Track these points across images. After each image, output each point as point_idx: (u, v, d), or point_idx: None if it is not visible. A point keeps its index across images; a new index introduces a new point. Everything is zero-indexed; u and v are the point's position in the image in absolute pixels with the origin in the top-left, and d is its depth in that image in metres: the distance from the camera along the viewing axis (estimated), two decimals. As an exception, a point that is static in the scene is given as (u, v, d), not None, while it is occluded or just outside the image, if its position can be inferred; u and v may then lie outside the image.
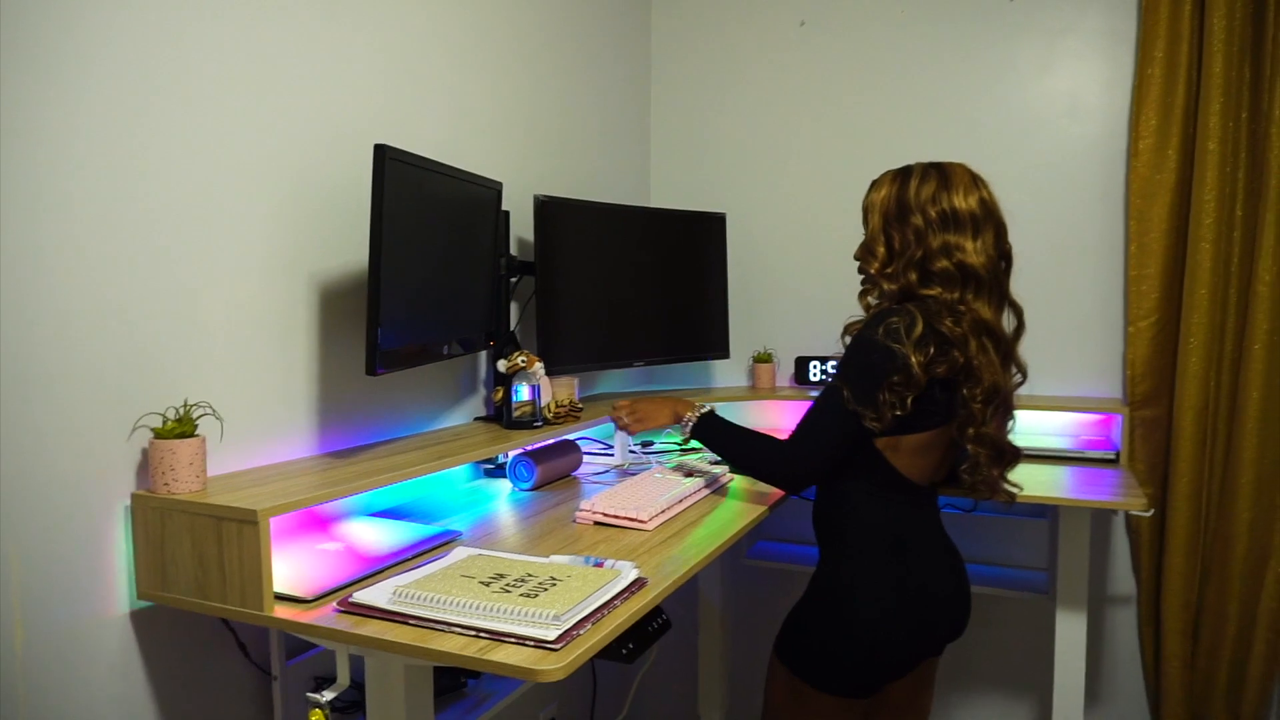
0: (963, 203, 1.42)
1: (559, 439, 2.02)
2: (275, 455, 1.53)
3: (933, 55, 2.52)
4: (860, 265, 1.54)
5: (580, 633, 1.10)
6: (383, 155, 1.43)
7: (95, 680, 1.26)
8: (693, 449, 2.24)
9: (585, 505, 1.63)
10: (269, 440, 1.52)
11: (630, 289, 2.35)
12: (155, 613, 1.33)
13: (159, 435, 1.26)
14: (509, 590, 1.17)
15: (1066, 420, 2.40)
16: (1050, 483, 1.98)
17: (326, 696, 1.25)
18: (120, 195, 1.27)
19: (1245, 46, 2.16)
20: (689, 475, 1.85)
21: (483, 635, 1.09)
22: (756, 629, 2.69)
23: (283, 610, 1.20)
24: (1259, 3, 2.14)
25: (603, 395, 2.47)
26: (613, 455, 2.18)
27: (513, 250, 2.08)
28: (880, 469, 1.46)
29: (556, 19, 2.35)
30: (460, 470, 1.97)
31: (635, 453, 2.25)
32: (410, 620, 1.14)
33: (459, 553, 1.37)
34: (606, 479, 2.02)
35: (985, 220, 1.43)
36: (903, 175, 1.49)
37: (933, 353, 1.37)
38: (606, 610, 1.17)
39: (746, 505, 1.75)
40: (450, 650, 1.07)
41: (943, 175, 1.45)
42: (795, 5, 2.67)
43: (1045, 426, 2.40)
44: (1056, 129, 2.42)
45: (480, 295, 1.89)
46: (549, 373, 1.98)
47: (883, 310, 1.44)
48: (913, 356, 1.36)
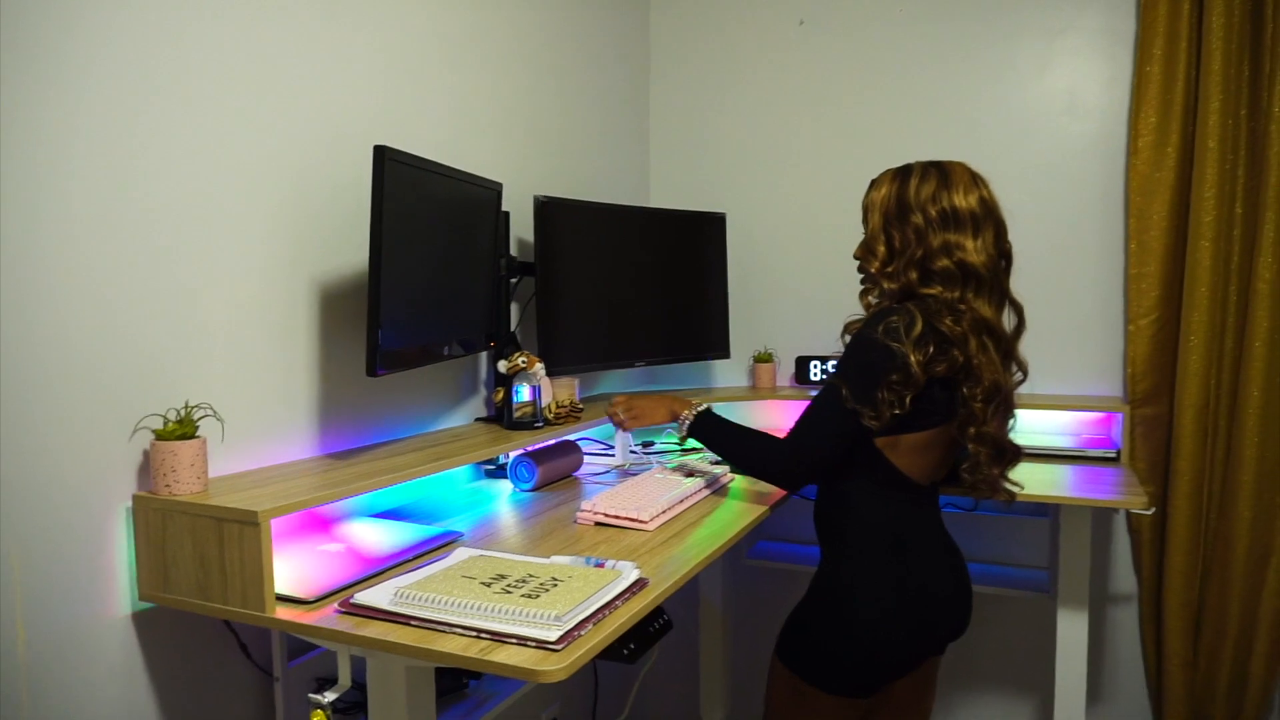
0: (963, 201, 1.42)
1: (560, 439, 2.02)
2: (276, 456, 1.53)
3: (933, 55, 2.52)
4: (860, 264, 1.54)
5: (582, 633, 1.10)
6: (382, 156, 1.43)
7: (97, 682, 1.26)
8: (693, 449, 2.24)
9: (586, 506, 1.63)
10: (270, 441, 1.52)
11: (630, 289, 2.35)
12: (157, 614, 1.33)
13: (160, 437, 1.26)
14: (510, 591, 1.17)
15: (1067, 419, 2.40)
16: (1051, 481, 1.98)
17: (328, 698, 1.25)
18: (120, 195, 1.27)
19: (1244, 44, 2.16)
20: (690, 475, 1.85)
21: (484, 636, 1.09)
22: (758, 629, 2.69)
23: (284, 611, 1.20)
24: (1257, 0, 2.14)
25: (603, 396, 2.47)
26: (613, 456, 2.18)
27: (513, 251, 2.08)
28: (880, 468, 1.45)
29: (556, 19, 2.35)
30: (461, 471, 1.97)
31: (636, 453, 2.25)
32: (412, 621, 1.13)
33: (460, 554, 1.37)
34: (607, 479, 2.02)
35: (985, 219, 1.43)
36: (903, 174, 1.48)
37: (932, 351, 1.37)
38: (608, 611, 1.17)
39: (747, 505, 1.74)
40: (452, 651, 1.07)
41: (943, 174, 1.45)
42: (795, 5, 2.67)
43: (1046, 425, 2.40)
44: (1056, 128, 2.42)
45: (480, 296, 1.89)
46: (549, 373, 1.97)
47: (882, 309, 1.44)
48: (912, 355, 1.35)
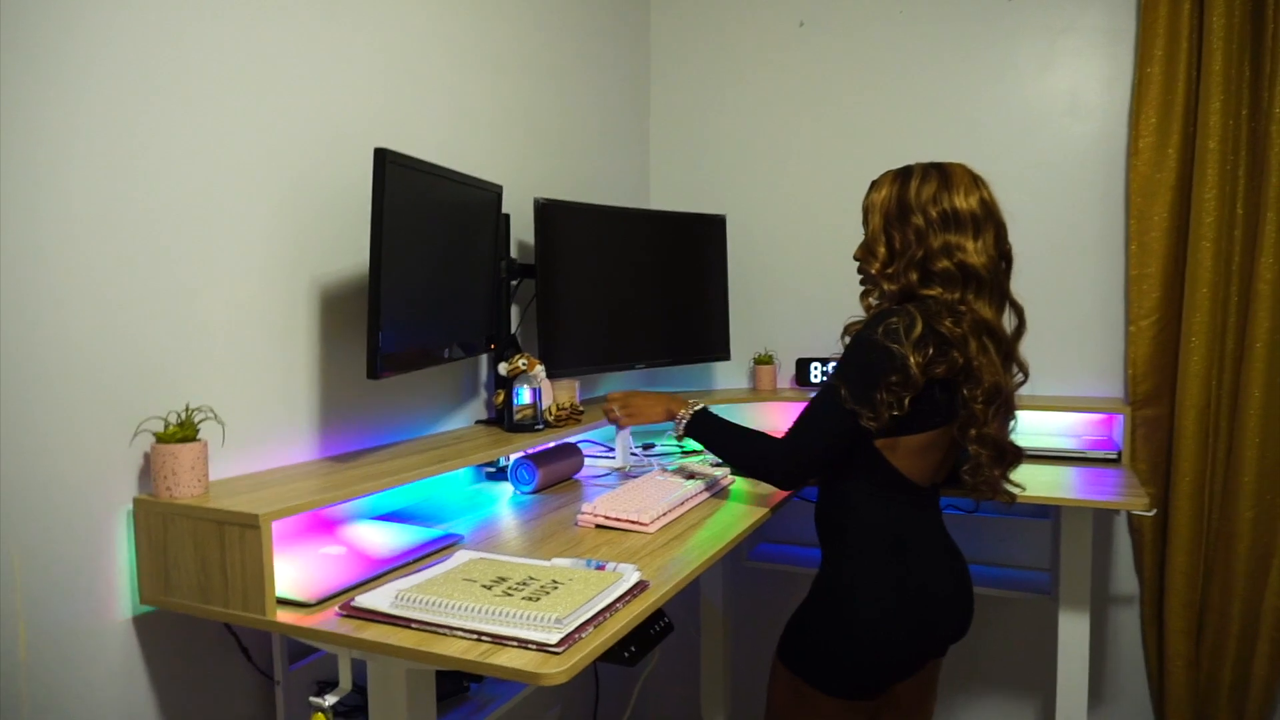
0: (963, 203, 1.42)
1: (560, 442, 2.01)
2: (277, 459, 1.52)
3: (933, 55, 2.52)
4: (860, 265, 1.54)
5: (582, 636, 1.09)
6: (383, 160, 1.42)
7: (98, 685, 1.26)
8: (694, 451, 2.24)
9: (587, 508, 1.63)
10: (270, 444, 1.51)
11: (631, 291, 2.34)
12: (158, 617, 1.33)
13: (160, 440, 1.26)
14: (511, 594, 1.16)
15: (1068, 420, 2.39)
16: (1052, 483, 1.98)
17: (329, 701, 1.24)
18: (120, 195, 1.27)
19: (1244, 44, 2.16)
20: (690, 478, 1.85)
21: (485, 639, 1.09)
22: (759, 631, 2.69)
23: (285, 614, 1.20)
24: (1258, 1, 2.14)
25: (604, 398, 2.46)
26: (614, 458, 2.17)
27: (513, 253, 2.08)
28: (880, 469, 1.45)
29: (556, 20, 2.35)
30: (462, 473, 1.96)
31: (637, 455, 2.25)
32: (413, 624, 1.13)
33: (461, 556, 1.37)
34: (608, 481, 2.02)
35: (986, 220, 1.43)
36: (903, 175, 1.48)
37: (931, 353, 1.37)
38: (609, 613, 1.16)
39: (748, 507, 1.74)
40: (453, 654, 1.07)
41: (943, 175, 1.45)
42: (794, 5, 2.67)
43: (1047, 426, 2.39)
44: (1056, 128, 2.42)
45: (481, 298, 1.89)
46: (550, 375, 1.97)
47: (882, 310, 1.44)
48: (911, 357, 1.35)
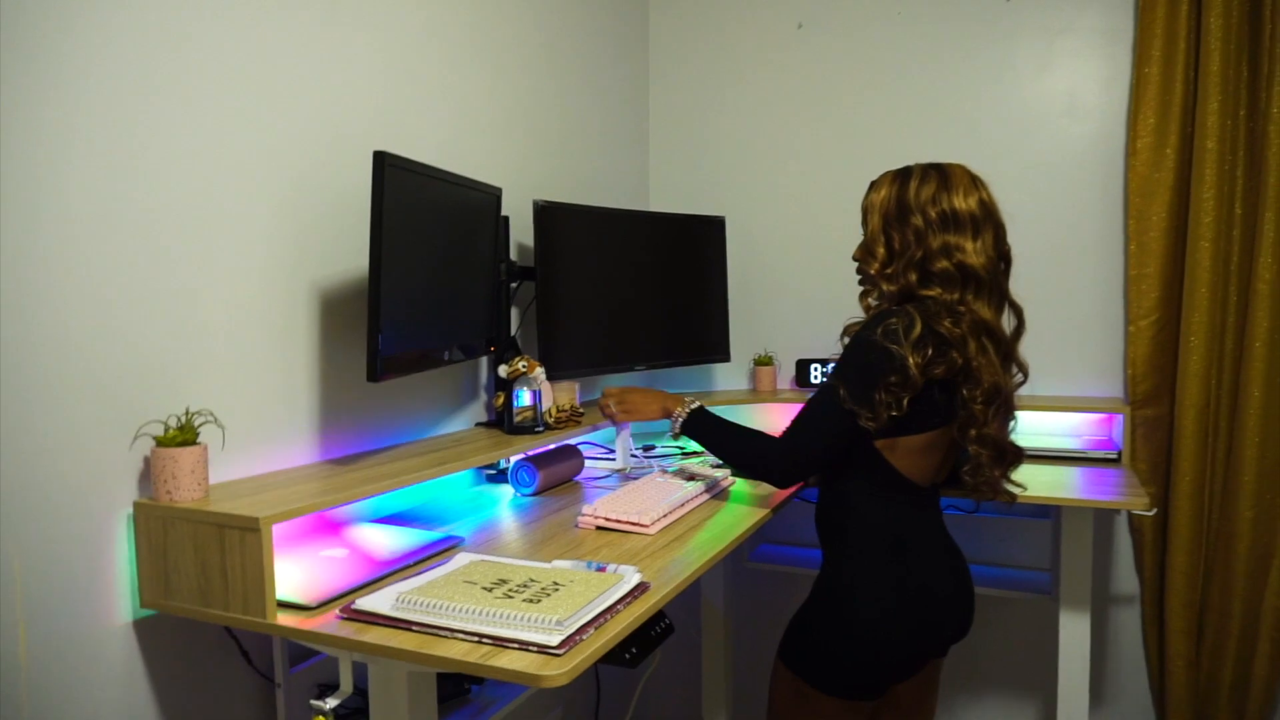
0: (963, 203, 1.42)
1: (561, 444, 2.01)
2: (277, 462, 1.52)
3: (931, 56, 2.53)
4: (859, 266, 1.54)
5: (583, 638, 1.09)
6: (382, 162, 1.42)
7: (99, 688, 1.26)
8: (694, 451, 2.24)
9: (587, 510, 1.63)
10: (270, 447, 1.51)
11: (630, 293, 2.34)
12: (158, 621, 1.33)
13: (161, 443, 1.25)
14: (512, 596, 1.16)
15: (1068, 420, 2.39)
16: (1052, 483, 1.98)
17: (330, 703, 1.24)
18: (120, 195, 1.26)
19: (1242, 44, 2.16)
20: (691, 479, 1.85)
21: (486, 641, 1.08)
22: (760, 632, 2.68)
23: (286, 617, 1.20)
24: (1255, 1, 2.14)
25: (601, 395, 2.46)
26: (614, 460, 2.17)
27: (513, 255, 2.08)
28: (880, 469, 1.45)
29: (555, 21, 2.35)
30: (462, 476, 1.96)
31: (637, 457, 2.25)
32: (413, 626, 1.13)
33: (461, 558, 1.37)
34: (608, 483, 2.02)
35: (985, 221, 1.43)
36: (902, 176, 1.48)
37: (931, 354, 1.37)
38: (609, 615, 1.16)
39: (749, 508, 1.74)
40: (454, 656, 1.06)
41: (943, 176, 1.45)
42: (794, 6, 2.67)
43: (1047, 427, 2.39)
44: (1055, 128, 2.42)
45: (481, 301, 1.88)
46: (550, 377, 1.97)
47: (882, 311, 1.44)
48: (910, 358, 1.35)
